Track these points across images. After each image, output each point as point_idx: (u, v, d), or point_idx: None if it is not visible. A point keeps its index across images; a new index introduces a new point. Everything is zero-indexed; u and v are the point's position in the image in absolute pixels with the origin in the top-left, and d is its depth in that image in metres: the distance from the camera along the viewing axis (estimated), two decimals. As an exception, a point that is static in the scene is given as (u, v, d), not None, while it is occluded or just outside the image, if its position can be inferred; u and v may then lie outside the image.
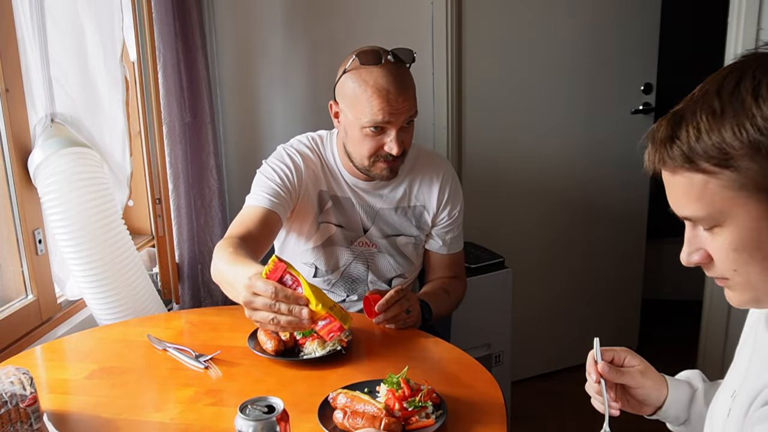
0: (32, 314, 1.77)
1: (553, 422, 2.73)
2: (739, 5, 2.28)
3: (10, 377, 1.18)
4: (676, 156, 0.77)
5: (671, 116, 0.79)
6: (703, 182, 0.77)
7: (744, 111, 0.73)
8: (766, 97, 0.72)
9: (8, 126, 1.67)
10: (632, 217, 3.04)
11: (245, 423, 1.03)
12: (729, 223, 0.78)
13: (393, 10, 2.48)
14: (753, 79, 0.74)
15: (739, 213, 0.76)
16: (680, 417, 1.10)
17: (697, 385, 1.11)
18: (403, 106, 1.63)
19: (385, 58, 1.63)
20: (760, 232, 0.76)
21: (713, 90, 0.76)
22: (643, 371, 1.08)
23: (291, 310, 1.24)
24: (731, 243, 0.78)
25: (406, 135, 1.68)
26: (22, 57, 1.69)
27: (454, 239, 1.87)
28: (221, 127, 2.46)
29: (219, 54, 2.44)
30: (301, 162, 1.75)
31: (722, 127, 0.74)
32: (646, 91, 2.90)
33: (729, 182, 0.75)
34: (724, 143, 0.74)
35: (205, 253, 2.22)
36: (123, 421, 1.27)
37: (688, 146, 0.76)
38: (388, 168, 1.70)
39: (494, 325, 2.56)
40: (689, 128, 0.76)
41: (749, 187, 0.74)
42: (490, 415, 1.25)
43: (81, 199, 1.73)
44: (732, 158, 0.74)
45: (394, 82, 1.62)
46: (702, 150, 0.75)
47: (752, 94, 0.73)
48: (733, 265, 0.80)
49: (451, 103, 2.57)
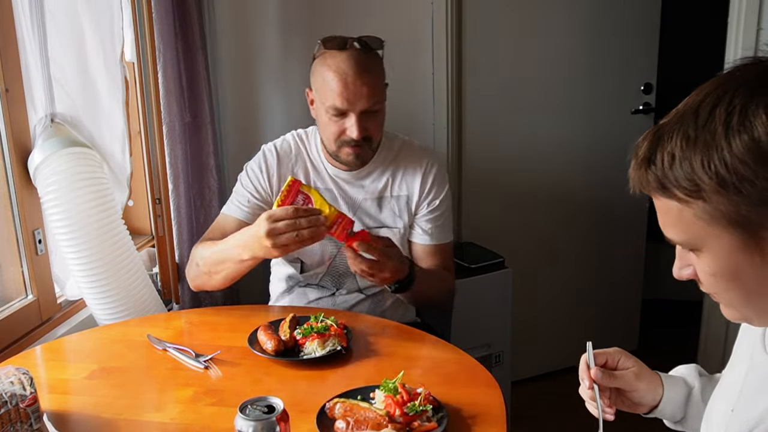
0: (32, 314, 1.77)
1: (553, 422, 2.73)
2: (739, 5, 2.28)
3: (10, 377, 1.18)
4: (651, 181, 0.77)
5: (653, 134, 0.78)
6: (678, 210, 0.77)
7: (714, 143, 0.71)
8: (736, 130, 0.70)
9: (8, 126, 1.67)
10: (632, 217, 3.04)
11: (245, 423, 1.03)
12: (706, 251, 0.78)
13: (393, 10, 2.48)
14: (729, 105, 0.72)
15: (714, 243, 0.76)
16: (676, 415, 1.10)
17: (694, 383, 1.10)
18: (361, 90, 1.64)
19: (351, 44, 1.67)
20: (737, 263, 0.76)
21: (692, 110, 0.74)
22: (637, 373, 1.07)
23: (310, 221, 1.43)
24: (710, 268, 0.79)
25: (371, 122, 1.70)
26: (22, 57, 1.69)
27: (438, 229, 1.84)
28: (221, 127, 2.45)
29: (219, 54, 2.43)
30: (274, 161, 1.80)
31: (693, 158, 0.72)
32: (646, 91, 2.90)
33: (701, 213, 0.74)
34: (694, 174, 0.73)
35: (205, 253, 2.22)
36: (123, 421, 1.27)
37: (662, 173, 0.75)
38: (354, 153, 1.72)
39: (494, 325, 2.56)
40: (664, 153, 0.75)
41: (721, 220, 0.73)
42: (490, 415, 1.25)
43: (81, 199, 1.73)
44: (702, 190, 0.73)
45: (354, 66, 1.65)
46: (674, 178, 0.74)
47: (724, 124, 0.71)
48: (713, 289, 0.81)
49: (451, 103, 2.57)
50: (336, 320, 1.53)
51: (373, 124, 1.70)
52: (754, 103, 0.70)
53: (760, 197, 0.70)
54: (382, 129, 1.77)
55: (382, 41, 1.73)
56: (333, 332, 1.48)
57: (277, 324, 1.57)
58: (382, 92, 1.71)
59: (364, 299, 1.84)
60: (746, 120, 0.70)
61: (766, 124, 0.69)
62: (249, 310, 1.83)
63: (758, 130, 0.69)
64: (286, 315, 1.58)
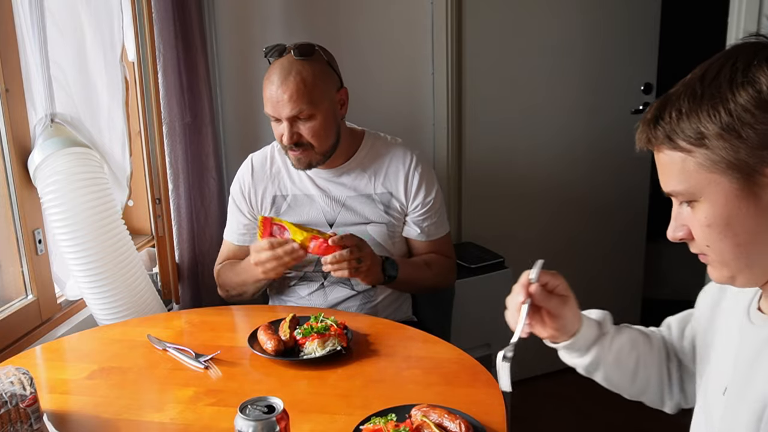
0: (32, 314, 1.77)
1: (553, 422, 2.73)
2: (739, 5, 2.28)
3: (10, 377, 1.18)
4: (658, 135, 0.85)
5: (662, 98, 0.86)
6: (681, 159, 0.84)
7: (719, 96, 0.80)
8: (740, 85, 0.79)
9: (8, 126, 1.67)
10: (632, 217, 3.04)
11: (245, 423, 1.03)
12: (704, 199, 0.84)
13: (393, 10, 2.48)
14: (732, 66, 0.81)
15: (713, 190, 0.83)
16: (582, 352, 1.14)
17: (608, 329, 1.15)
18: (282, 98, 1.69)
19: (288, 51, 1.72)
20: (731, 209, 0.83)
21: (698, 76, 0.84)
22: (569, 302, 1.11)
23: (286, 251, 1.63)
24: (706, 218, 0.85)
25: (304, 128, 1.73)
26: (22, 57, 1.69)
27: (433, 225, 1.88)
28: (221, 127, 2.45)
29: (219, 54, 2.43)
30: (248, 177, 1.90)
31: (699, 110, 0.81)
32: (646, 91, 2.90)
33: (704, 160, 0.82)
34: (700, 124, 0.81)
35: (205, 253, 2.22)
36: (123, 421, 1.27)
37: (669, 126, 0.84)
38: (295, 158, 1.78)
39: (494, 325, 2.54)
40: (672, 110, 0.83)
41: (722, 165, 0.81)
42: (490, 415, 1.25)
43: (81, 199, 1.73)
44: (706, 138, 0.81)
45: (279, 75, 1.70)
46: (681, 130, 0.83)
47: (728, 81, 0.80)
48: (706, 241, 0.87)
49: (451, 103, 2.57)
50: (336, 320, 1.53)
51: (306, 130, 1.73)
52: (756, 59, 0.80)
53: (760, 141, 0.79)
54: (325, 134, 1.74)
55: (314, 47, 1.73)
56: (333, 332, 1.48)
57: (277, 324, 1.57)
58: (314, 98, 1.69)
59: (354, 295, 1.85)
60: (750, 74, 0.79)
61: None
62: (249, 310, 1.84)
63: (761, 81, 0.79)
64: (286, 315, 1.58)
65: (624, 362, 1.14)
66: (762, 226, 0.83)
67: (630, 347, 1.15)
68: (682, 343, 1.16)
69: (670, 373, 1.17)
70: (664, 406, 1.19)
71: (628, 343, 1.16)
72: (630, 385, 1.16)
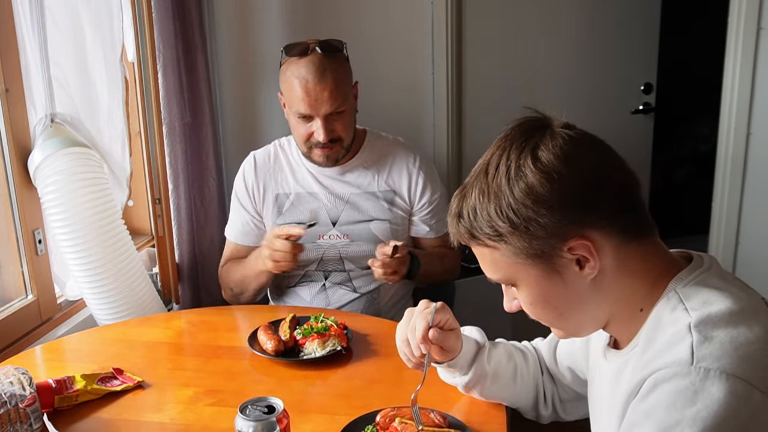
0: (32, 314, 1.77)
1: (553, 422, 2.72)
2: (739, 5, 2.27)
3: (9, 377, 1.18)
4: (463, 234, 0.91)
5: (460, 191, 0.92)
6: (489, 253, 0.91)
7: (501, 193, 0.86)
8: (515, 180, 0.86)
9: (8, 126, 1.67)
10: (632, 217, 3.04)
11: (245, 423, 1.03)
12: (520, 284, 0.92)
13: (393, 10, 2.47)
14: (507, 159, 0.87)
15: (523, 276, 0.90)
16: (464, 369, 1.22)
17: (484, 343, 1.25)
18: (321, 96, 1.69)
19: (312, 50, 1.71)
20: (543, 288, 0.90)
21: (483, 168, 0.90)
22: (456, 332, 1.20)
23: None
24: (526, 297, 0.92)
25: (338, 123, 1.74)
26: (22, 57, 1.69)
27: (440, 222, 1.91)
28: (221, 127, 2.45)
29: (219, 54, 2.43)
30: (251, 174, 1.90)
31: (488, 208, 0.87)
32: (646, 91, 2.90)
33: (507, 253, 0.89)
34: (492, 221, 0.87)
35: (205, 253, 2.22)
36: (123, 421, 1.27)
37: (469, 224, 0.90)
38: (324, 154, 1.78)
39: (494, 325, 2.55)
40: (468, 208, 0.90)
41: (523, 255, 0.88)
42: (491, 415, 1.25)
43: (81, 199, 1.73)
44: (502, 234, 0.87)
45: (314, 72, 1.69)
46: (479, 228, 0.89)
47: (506, 176, 0.87)
48: (534, 315, 0.94)
49: (451, 103, 2.57)
50: (336, 320, 1.53)
51: (339, 125, 1.75)
52: (523, 155, 0.86)
53: (547, 231, 0.85)
54: (351, 127, 1.80)
55: (343, 42, 1.77)
56: (333, 332, 1.48)
57: (277, 324, 1.57)
58: (346, 93, 1.74)
59: (357, 298, 1.85)
60: (520, 170, 0.86)
61: (535, 172, 0.85)
62: (249, 310, 1.84)
63: (529, 177, 0.85)
64: (286, 315, 1.58)
65: (502, 373, 1.23)
66: (575, 294, 0.90)
67: (507, 358, 1.25)
68: (556, 367, 1.25)
69: (544, 386, 1.27)
70: (539, 418, 1.28)
71: (504, 355, 1.25)
72: (509, 394, 1.25)
